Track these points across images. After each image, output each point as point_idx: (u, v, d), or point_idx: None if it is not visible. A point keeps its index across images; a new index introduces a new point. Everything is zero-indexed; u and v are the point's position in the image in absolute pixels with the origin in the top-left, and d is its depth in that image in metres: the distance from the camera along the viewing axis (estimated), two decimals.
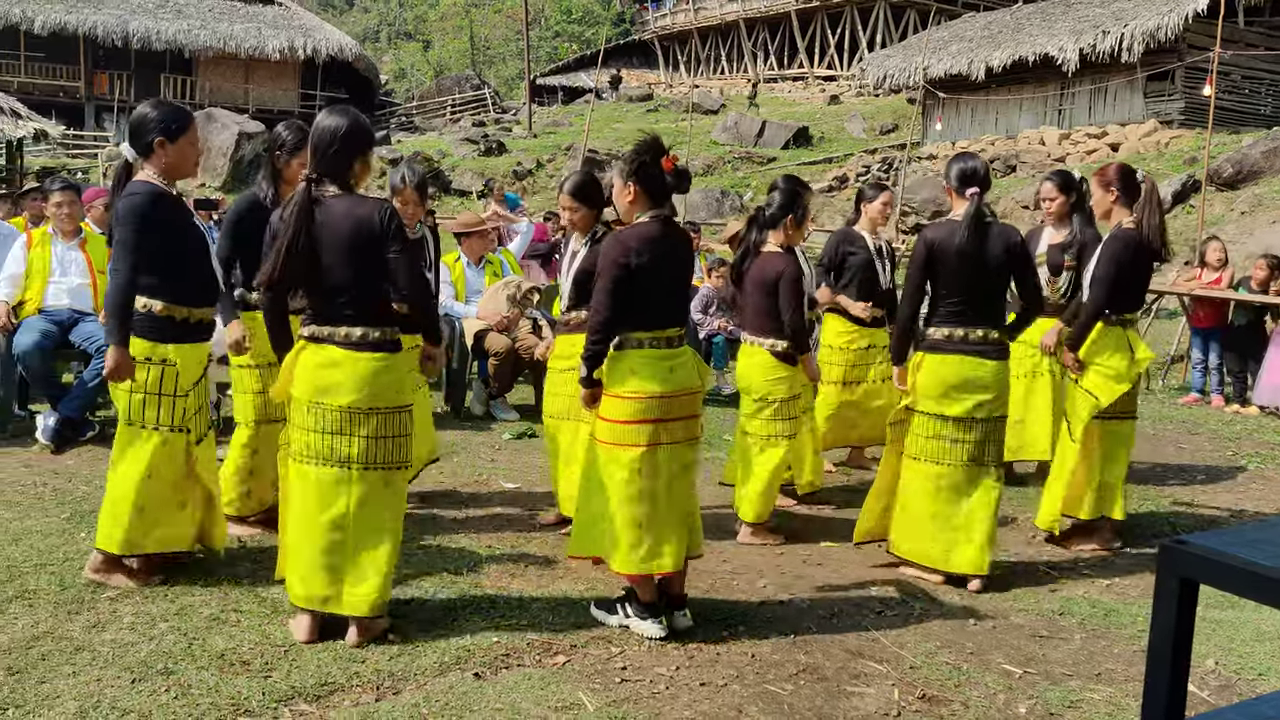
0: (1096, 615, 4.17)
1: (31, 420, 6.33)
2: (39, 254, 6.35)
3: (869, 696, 3.38)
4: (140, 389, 3.90)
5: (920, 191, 20.95)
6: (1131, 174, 4.99)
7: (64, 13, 32.71)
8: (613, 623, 3.83)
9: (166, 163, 3.94)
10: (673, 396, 3.76)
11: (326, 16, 49.59)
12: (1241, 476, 6.61)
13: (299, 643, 3.53)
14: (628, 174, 3.77)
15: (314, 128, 3.57)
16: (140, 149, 3.94)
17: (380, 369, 3.53)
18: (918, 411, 4.52)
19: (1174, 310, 11.98)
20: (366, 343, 3.52)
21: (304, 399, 3.53)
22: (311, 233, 3.45)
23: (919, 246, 4.48)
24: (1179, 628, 1.28)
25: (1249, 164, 17.84)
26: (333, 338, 3.51)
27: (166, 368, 3.93)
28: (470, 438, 6.86)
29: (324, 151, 3.52)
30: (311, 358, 3.53)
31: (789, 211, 5.01)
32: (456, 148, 28.89)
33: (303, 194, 3.47)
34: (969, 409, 4.42)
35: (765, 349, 4.99)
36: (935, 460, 4.48)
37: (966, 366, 4.41)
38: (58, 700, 3.06)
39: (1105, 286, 4.85)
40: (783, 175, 5.37)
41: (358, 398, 3.50)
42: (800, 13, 38.72)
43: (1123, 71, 23.39)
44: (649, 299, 3.75)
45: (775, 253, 4.99)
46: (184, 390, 3.97)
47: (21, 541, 4.39)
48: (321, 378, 3.51)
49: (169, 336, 3.93)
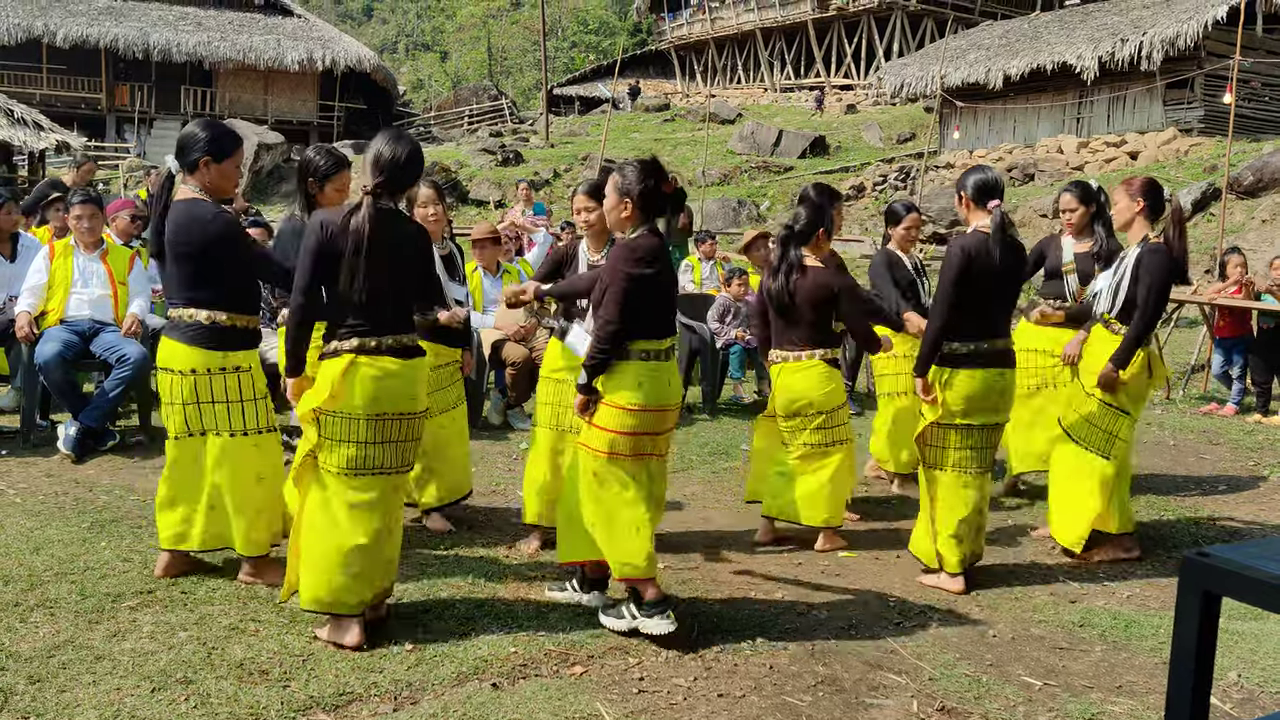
0: (1117, 627, 4.14)
1: (53, 430, 6.38)
2: (61, 265, 6.40)
3: (888, 708, 3.36)
4: (222, 398, 4.06)
5: (938, 200, 20.90)
6: (1159, 190, 4.98)
7: (86, 25, 33.04)
8: (621, 627, 3.83)
9: (209, 181, 4.11)
10: (664, 410, 3.85)
11: (345, 28, 49.91)
12: (1264, 487, 6.54)
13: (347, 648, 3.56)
14: (627, 192, 3.82)
15: (378, 147, 3.64)
16: (186, 164, 4.09)
17: (423, 373, 3.76)
18: (944, 425, 4.55)
19: (1194, 319, 11.90)
20: (415, 349, 3.72)
21: (361, 411, 3.58)
22: (382, 240, 3.55)
23: (957, 258, 4.43)
24: (1201, 641, 1.27)
25: (1270, 172, 17.72)
26: (381, 347, 3.60)
27: (241, 374, 4.09)
28: (487, 447, 6.87)
29: (390, 170, 3.60)
30: (368, 370, 3.58)
31: (819, 225, 5.04)
32: (474, 158, 29.00)
33: (371, 206, 3.55)
34: (990, 417, 4.56)
35: (819, 359, 5.02)
36: (965, 469, 4.57)
37: (991, 379, 4.50)
38: (78, 709, 3.07)
39: (1156, 299, 4.83)
40: (812, 184, 5.35)
41: (417, 403, 3.70)
42: (817, 22, 38.72)
43: (1142, 79, 23.29)
44: (653, 309, 3.82)
45: (821, 268, 5.03)
46: (262, 393, 4.16)
47: (43, 551, 4.42)
48: (384, 388, 3.60)
49: (238, 344, 4.11)
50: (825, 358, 5.05)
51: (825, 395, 5.02)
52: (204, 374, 4.02)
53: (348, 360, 3.58)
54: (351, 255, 3.52)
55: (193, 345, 4.02)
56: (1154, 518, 5.69)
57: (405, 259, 3.66)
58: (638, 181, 3.80)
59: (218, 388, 4.04)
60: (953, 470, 4.57)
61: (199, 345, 4.02)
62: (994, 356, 4.52)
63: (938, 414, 4.55)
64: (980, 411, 4.52)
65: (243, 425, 4.08)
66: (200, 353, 4.01)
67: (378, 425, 3.60)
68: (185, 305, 4.05)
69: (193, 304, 4.04)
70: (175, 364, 4.03)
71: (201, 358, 4.01)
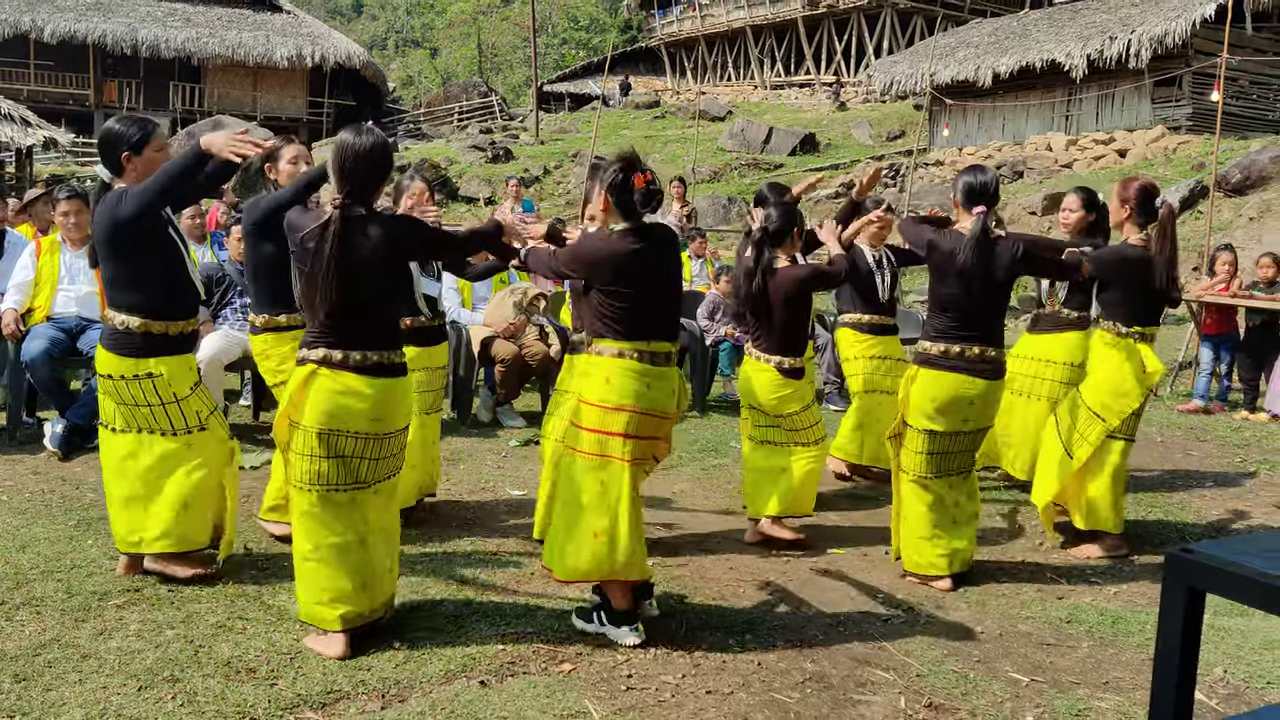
0: (1104, 623, 4.15)
1: (39, 427, 6.35)
2: (47, 262, 6.37)
3: (876, 705, 3.37)
4: (143, 403, 3.96)
5: (927, 198, 20.92)
6: (1151, 194, 4.99)
7: (73, 21, 32.86)
8: (590, 630, 3.82)
9: (138, 176, 3.93)
10: (647, 414, 3.73)
11: (334, 24, 49.75)
12: (1250, 483, 6.57)
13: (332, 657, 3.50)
14: (602, 183, 3.80)
15: (339, 147, 3.51)
16: (111, 167, 3.96)
17: (398, 394, 3.58)
18: (910, 426, 4.56)
19: (1182, 316, 11.94)
20: (393, 367, 3.56)
21: (314, 426, 3.48)
22: (350, 256, 3.42)
23: (923, 236, 4.56)
24: (1185, 637, 1.27)
25: (1257, 170, 17.79)
26: (348, 362, 3.47)
27: (156, 380, 3.96)
28: (477, 445, 6.86)
29: (351, 172, 3.47)
30: (328, 383, 3.47)
31: (793, 224, 5.01)
32: (464, 154, 28.94)
33: (337, 219, 3.42)
34: (955, 424, 4.48)
35: (773, 366, 4.98)
36: (926, 474, 4.55)
37: (959, 385, 4.43)
38: (64, 708, 3.06)
39: (1097, 268, 4.97)
40: (766, 184, 5.36)
41: (381, 424, 3.53)
42: (807, 19, 38.74)
43: (1130, 77, 23.35)
44: (631, 308, 3.71)
45: (790, 266, 5.01)
46: (183, 395, 4.01)
47: (29, 549, 4.40)
48: (341, 405, 3.47)
49: (150, 351, 3.95)
50: (781, 366, 4.97)
51: (775, 401, 4.97)
52: (119, 379, 3.94)
53: (309, 370, 3.49)
54: (321, 271, 3.39)
55: (108, 350, 3.94)
56: (1141, 514, 5.71)
57: (381, 269, 3.49)
58: (608, 171, 3.76)
59: (136, 393, 3.94)
60: (910, 472, 4.58)
61: (112, 351, 3.93)
62: (969, 364, 4.43)
63: (903, 412, 4.57)
64: (945, 417, 4.45)
65: (169, 425, 3.99)
66: (112, 358, 3.93)
67: (330, 440, 3.48)
68: (109, 306, 3.99)
69: (113, 305, 3.96)
70: (98, 366, 3.99)
71: (113, 363, 3.93)
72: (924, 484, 4.56)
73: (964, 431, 4.51)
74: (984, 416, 4.55)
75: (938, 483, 4.56)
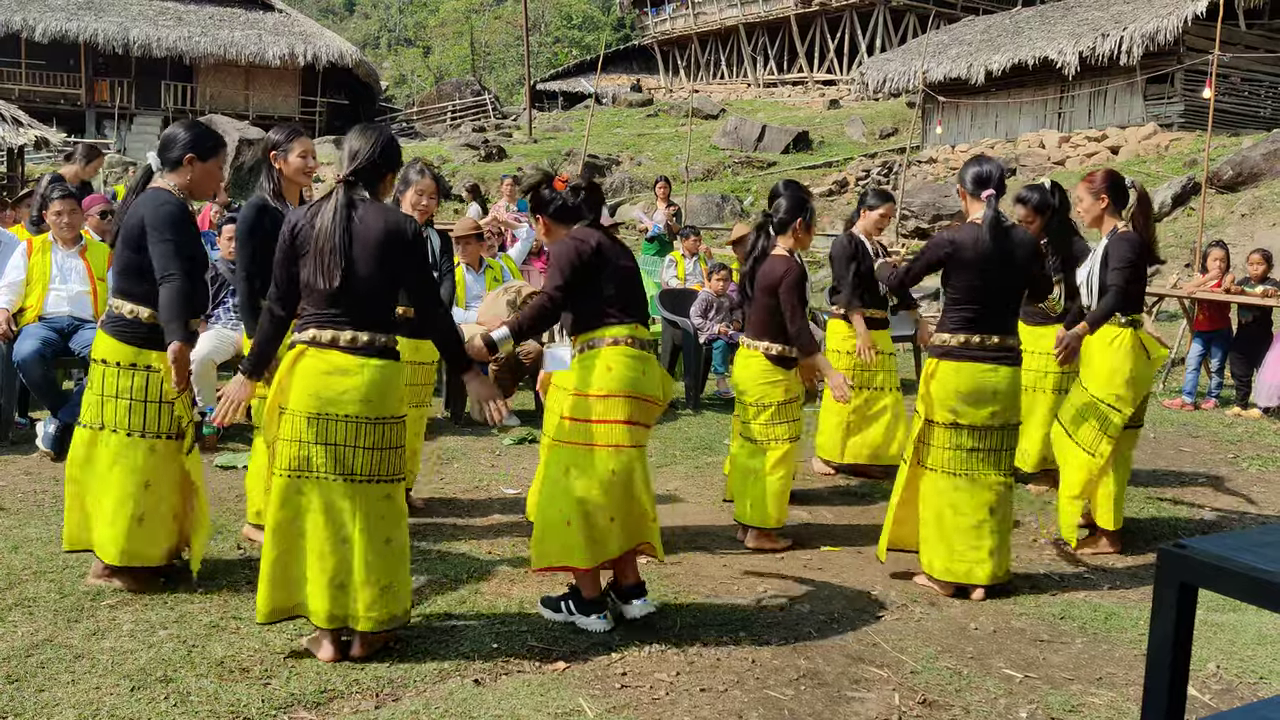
0: (1098, 619, 4.16)
1: (31, 428, 6.33)
2: (39, 261, 6.35)
3: (870, 701, 3.37)
4: (126, 395, 3.93)
5: (920, 195, 20.93)
6: (1120, 181, 4.99)
7: (65, 20, 32.73)
8: (558, 619, 3.86)
9: (191, 180, 4.03)
10: (643, 399, 3.84)
11: (326, 23, 49.63)
12: (1242, 479, 6.59)
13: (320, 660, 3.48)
14: (532, 210, 3.94)
15: (351, 137, 3.54)
16: (169, 161, 4.01)
17: (388, 376, 3.45)
18: (934, 422, 4.44)
19: (1174, 313, 11.97)
20: (374, 348, 3.42)
21: (303, 410, 3.38)
22: (349, 232, 3.38)
23: (942, 245, 4.42)
24: (1178, 633, 1.27)
25: (1249, 166, 17.82)
26: (336, 342, 3.37)
27: (151, 374, 3.95)
28: (471, 443, 6.86)
29: (362, 158, 3.47)
30: (314, 364, 3.38)
31: (799, 215, 5.00)
32: (457, 153, 28.88)
33: (342, 194, 3.41)
34: (984, 418, 4.36)
35: (760, 352, 4.98)
36: (953, 471, 4.40)
37: (980, 374, 4.33)
38: (57, 708, 3.05)
39: (1128, 274, 4.83)
40: (783, 180, 5.35)
41: (367, 407, 3.40)
42: (800, 17, 38.73)
43: (1122, 74, 23.38)
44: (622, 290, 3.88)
45: (780, 256, 4.98)
46: (171, 398, 3.98)
47: (21, 549, 4.38)
48: (328, 386, 3.37)
49: (155, 343, 3.93)
50: (769, 352, 4.96)
51: (761, 389, 4.96)
52: (112, 366, 3.93)
53: (298, 350, 3.42)
54: (317, 245, 3.35)
55: (110, 336, 3.94)
56: (1134, 511, 5.72)
57: (383, 253, 3.41)
58: (532, 195, 4.00)
59: (123, 383, 3.92)
60: (939, 469, 4.42)
61: (115, 337, 3.94)
62: (989, 352, 4.35)
63: (926, 409, 4.46)
64: (970, 408, 4.34)
65: (141, 426, 3.96)
66: (113, 344, 3.93)
67: (320, 425, 3.36)
68: (115, 295, 4.00)
69: (120, 294, 3.97)
70: (93, 352, 3.99)
71: (113, 349, 3.93)
72: (955, 485, 4.39)
73: (993, 427, 4.37)
74: (1010, 410, 4.41)
75: (973, 483, 4.39)
